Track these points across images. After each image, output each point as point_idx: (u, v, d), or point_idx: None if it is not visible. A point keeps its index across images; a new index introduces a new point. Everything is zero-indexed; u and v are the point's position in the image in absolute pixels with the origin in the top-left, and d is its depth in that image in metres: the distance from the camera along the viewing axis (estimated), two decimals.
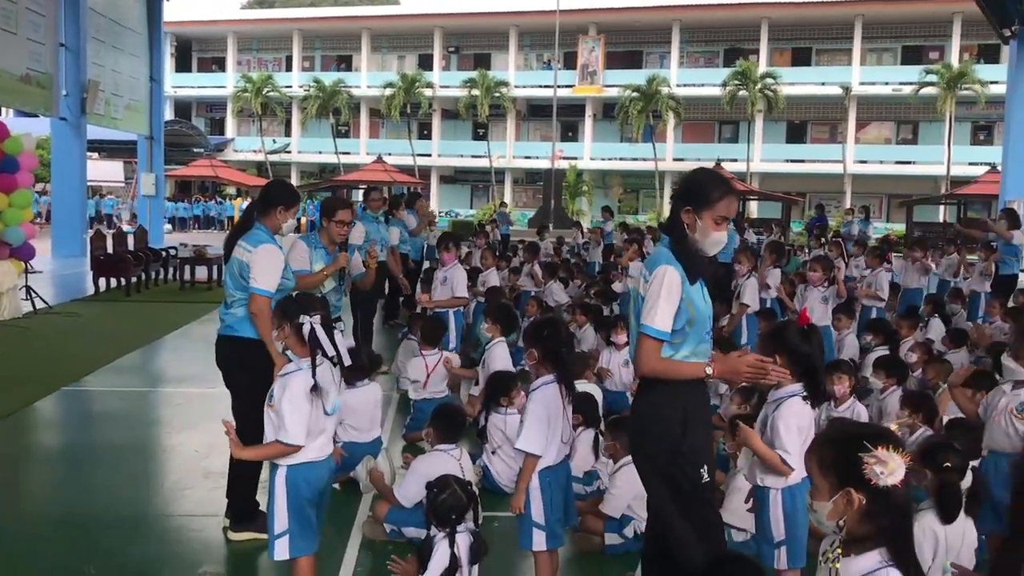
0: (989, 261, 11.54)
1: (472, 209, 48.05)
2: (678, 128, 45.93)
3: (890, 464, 2.21)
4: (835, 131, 45.05)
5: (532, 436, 3.91)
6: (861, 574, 2.28)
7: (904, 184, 42.20)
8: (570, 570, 4.76)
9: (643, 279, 3.55)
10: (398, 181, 35.55)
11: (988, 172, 30.48)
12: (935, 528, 3.86)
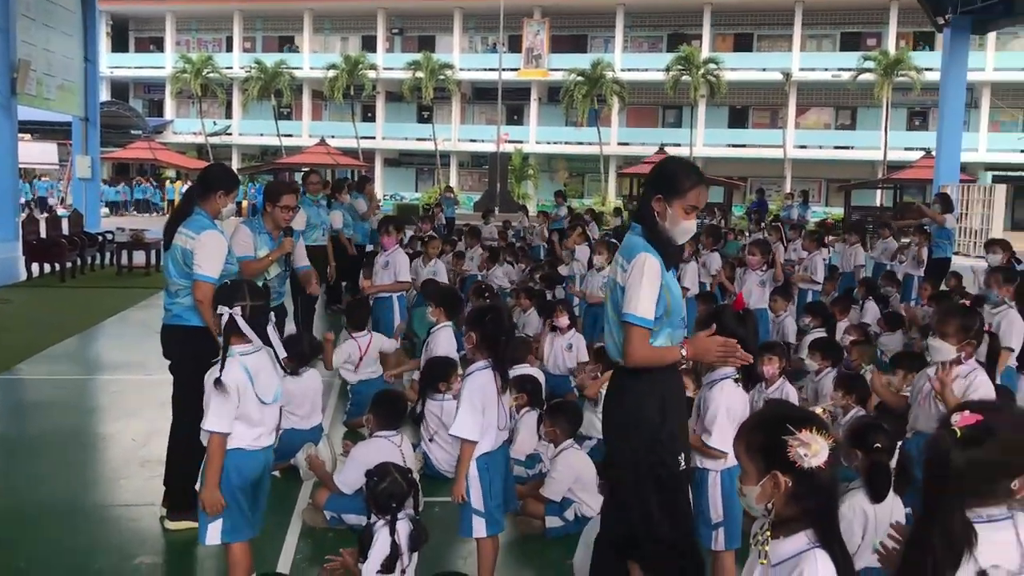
0: (922, 245, 11.83)
1: (417, 192, 47.75)
2: (623, 112, 46.13)
3: (813, 446, 2.26)
4: (776, 116, 45.66)
5: (466, 422, 3.91)
6: (789, 556, 2.33)
7: (842, 169, 42.99)
8: (511, 553, 4.80)
9: (620, 268, 3.52)
10: (341, 164, 35.22)
11: (923, 157, 31.22)
12: (865, 507, 3.97)
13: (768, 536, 2.38)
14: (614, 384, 3.69)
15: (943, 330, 4.26)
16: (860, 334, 8.23)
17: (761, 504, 2.37)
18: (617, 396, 3.62)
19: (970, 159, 34.88)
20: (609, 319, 3.59)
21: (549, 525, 4.97)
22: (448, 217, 23.35)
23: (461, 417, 3.94)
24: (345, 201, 12.27)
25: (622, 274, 3.49)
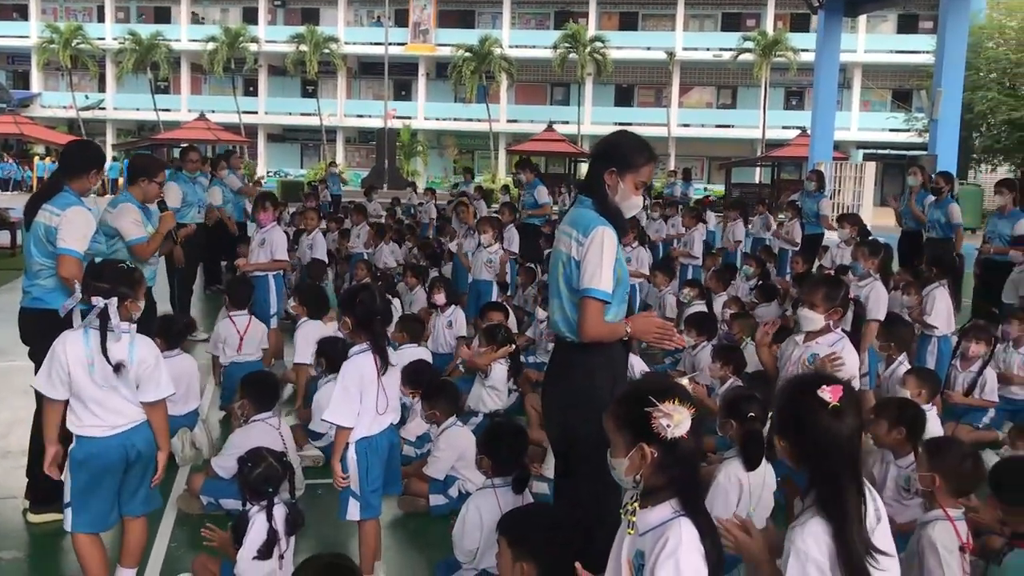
0: (794, 220, 12.25)
1: (303, 169, 46.76)
2: (511, 89, 46.17)
3: (676, 417, 2.31)
4: (660, 95, 46.50)
5: (339, 408, 3.83)
6: (655, 525, 2.38)
7: (724, 147, 44.16)
8: (396, 532, 4.77)
9: (575, 242, 3.43)
10: (223, 140, 34.11)
11: (799, 136, 32.32)
12: (740, 475, 4.09)
13: (636, 507, 2.42)
14: (561, 361, 3.60)
15: (811, 300, 4.42)
16: (739, 307, 8.48)
17: (630, 476, 2.41)
18: (566, 372, 3.54)
19: (843, 137, 36.23)
20: (560, 294, 3.50)
21: (433, 503, 4.95)
22: (334, 194, 22.93)
23: (335, 403, 3.86)
24: (223, 177, 11.88)
25: (577, 248, 3.41)
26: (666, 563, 2.30)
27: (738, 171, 38.60)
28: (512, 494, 3.94)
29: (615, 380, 3.47)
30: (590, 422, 3.35)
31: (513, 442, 4.07)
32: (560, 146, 34.89)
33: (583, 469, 3.44)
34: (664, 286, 9.44)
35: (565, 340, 3.52)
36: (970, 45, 21.68)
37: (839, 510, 2.33)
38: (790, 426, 2.42)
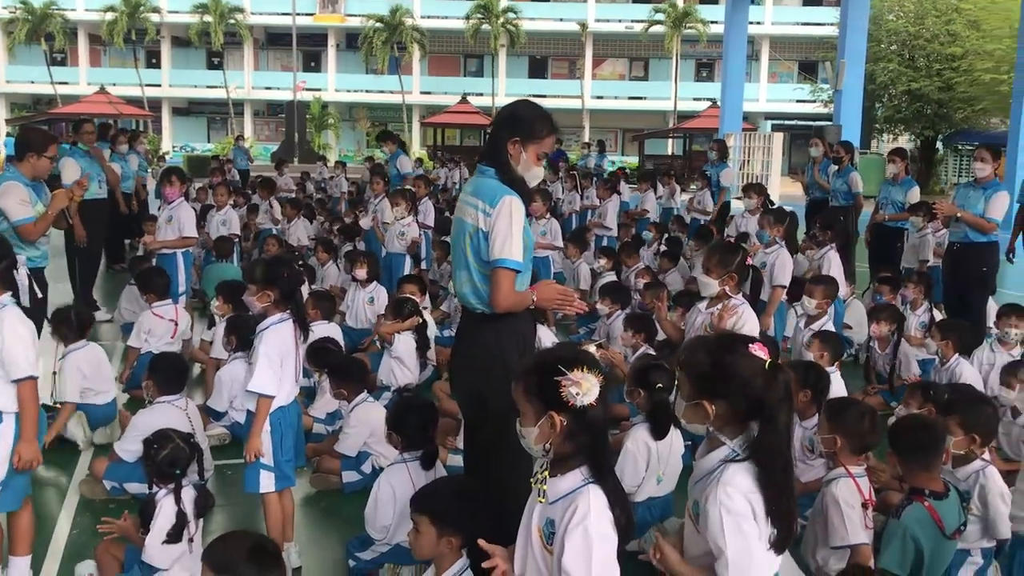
0: (705, 190, 12.45)
1: (210, 143, 45.49)
2: (424, 61, 45.65)
3: (584, 384, 2.32)
4: (574, 67, 46.63)
5: (263, 377, 3.75)
6: (565, 493, 2.39)
7: (637, 119, 44.57)
8: (309, 510, 4.71)
9: (482, 213, 3.36)
10: (125, 114, 32.94)
11: (709, 107, 32.87)
12: (648, 442, 4.15)
13: (546, 475, 2.43)
14: (469, 331, 3.54)
15: (707, 266, 4.55)
16: (650, 276, 8.59)
17: (539, 444, 2.41)
18: (475, 343, 3.48)
19: (751, 109, 36.94)
20: (468, 266, 3.42)
21: (346, 480, 4.90)
22: (241, 169, 22.34)
23: (259, 372, 3.77)
24: (123, 152, 11.47)
25: (484, 219, 3.36)
26: (575, 530, 2.31)
27: (651, 143, 39.07)
28: (430, 472, 3.92)
29: (524, 349, 3.46)
30: (500, 392, 3.31)
31: (421, 417, 4.04)
32: (475, 118, 34.72)
33: (494, 439, 3.41)
34: (576, 257, 9.50)
35: (474, 311, 3.49)
36: (872, 18, 22.31)
37: (780, 460, 2.35)
38: (724, 388, 2.38)
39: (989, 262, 7.49)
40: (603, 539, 2.32)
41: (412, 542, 3.16)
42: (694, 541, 2.50)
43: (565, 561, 2.32)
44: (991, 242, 7.43)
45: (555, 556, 2.36)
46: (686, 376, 2.45)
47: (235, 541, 2.78)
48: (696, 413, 2.43)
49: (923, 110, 32.97)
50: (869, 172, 16.92)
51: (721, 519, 2.32)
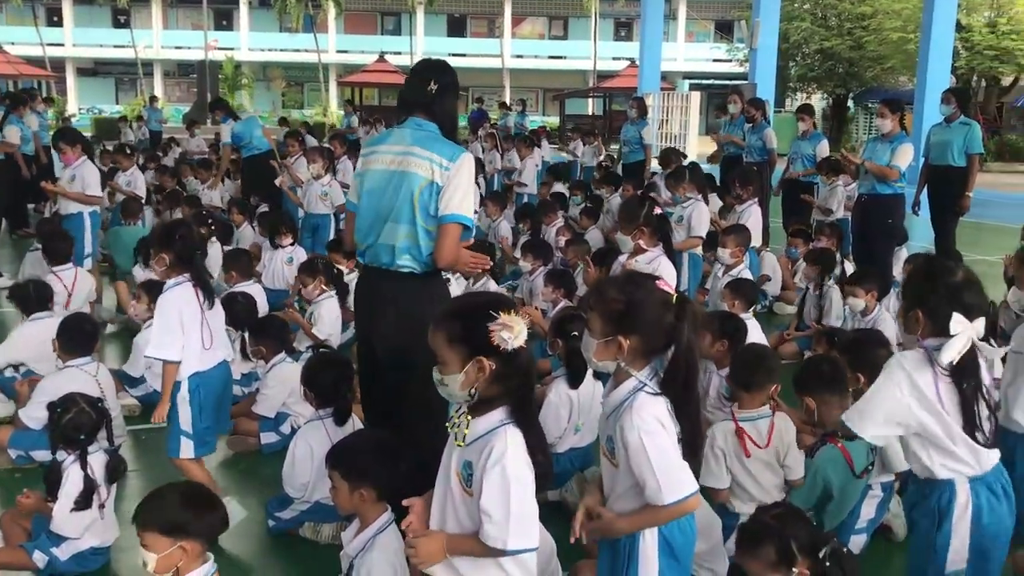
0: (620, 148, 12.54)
1: (118, 105, 43.90)
2: (340, 19, 44.72)
3: (515, 328, 2.32)
4: (493, 25, 46.29)
5: (162, 342, 3.68)
6: (482, 433, 2.39)
7: (557, 78, 44.56)
8: (227, 473, 4.64)
9: (438, 167, 3.29)
10: (25, 74, 31.53)
11: (628, 67, 33.00)
12: (569, 392, 4.18)
13: (468, 419, 2.42)
14: (400, 292, 3.40)
15: (621, 223, 4.62)
16: (571, 233, 8.63)
17: (465, 390, 2.40)
18: (414, 303, 3.37)
19: (669, 68, 37.21)
20: (411, 220, 3.31)
21: (264, 441, 4.83)
22: (154, 131, 21.66)
23: (156, 337, 3.71)
24: (23, 115, 10.99)
25: (442, 172, 3.29)
26: (492, 470, 2.31)
27: (571, 102, 39.09)
28: (347, 428, 3.89)
29: None
30: (419, 343, 3.34)
31: (335, 373, 4.00)
32: (393, 77, 34.15)
33: (428, 398, 3.27)
34: (496, 215, 9.48)
35: (398, 271, 3.38)
36: None
37: (691, 390, 2.42)
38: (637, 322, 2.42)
39: (895, 213, 7.73)
40: (519, 480, 2.33)
41: (333, 498, 3.15)
42: (614, 479, 2.53)
43: (483, 502, 2.32)
44: (896, 194, 7.65)
45: (474, 498, 2.37)
46: (598, 315, 2.46)
47: (169, 498, 2.76)
48: (608, 350, 2.45)
49: (835, 68, 33.70)
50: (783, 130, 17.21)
51: (641, 441, 2.36)
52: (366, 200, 3.46)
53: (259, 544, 3.93)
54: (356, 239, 3.51)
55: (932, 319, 2.53)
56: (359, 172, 3.54)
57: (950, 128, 8.71)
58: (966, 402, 2.51)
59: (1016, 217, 7.49)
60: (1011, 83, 30.88)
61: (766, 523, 2.71)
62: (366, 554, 2.99)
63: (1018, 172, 27.22)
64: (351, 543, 3.08)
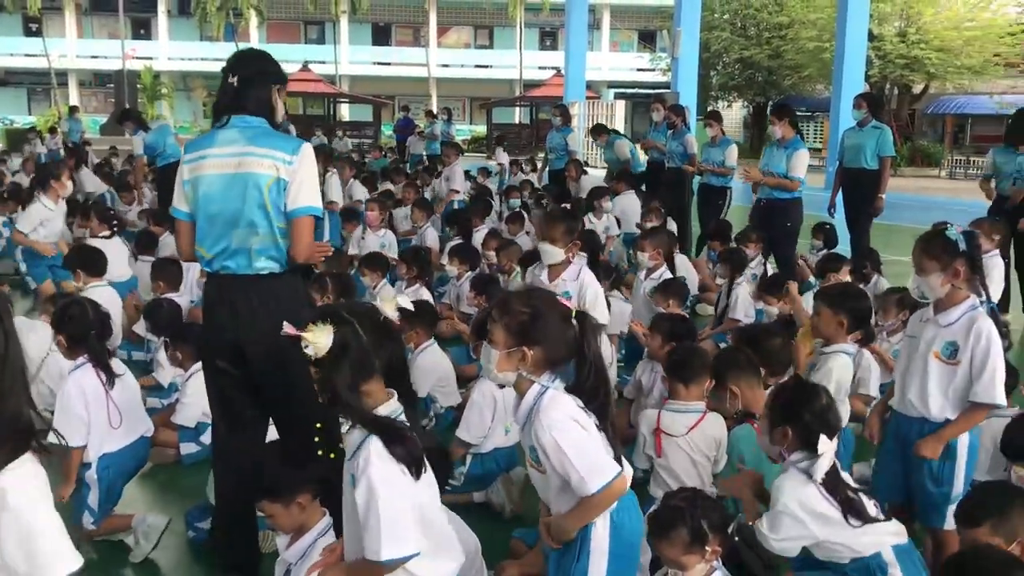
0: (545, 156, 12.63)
1: (31, 115, 42.52)
2: (262, 27, 44.13)
3: (319, 339, 2.41)
4: (418, 35, 46.18)
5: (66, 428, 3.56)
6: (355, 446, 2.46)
7: (484, 87, 44.63)
8: (146, 485, 4.51)
9: (281, 162, 3.17)
10: None
11: (554, 76, 33.26)
12: (493, 392, 4.18)
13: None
14: (265, 291, 3.27)
15: (551, 236, 4.64)
16: (496, 238, 8.66)
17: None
18: (273, 301, 3.25)
19: (594, 77, 37.60)
20: (266, 220, 3.19)
21: (185, 452, 4.72)
22: (74, 142, 21.06)
23: (59, 423, 3.58)
24: None
25: (286, 168, 3.17)
26: (360, 484, 2.37)
27: (498, 111, 39.19)
28: None
29: (311, 298, 3.46)
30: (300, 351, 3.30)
31: None
32: (318, 86, 33.93)
33: (297, 395, 3.24)
34: (422, 222, 9.45)
35: (256, 274, 3.23)
36: None
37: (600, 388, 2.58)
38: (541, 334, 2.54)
39: (792, 217, 8.03)
40: (384, 489, 2.35)
41: (274, 526, 3.11)
42: (546, 485, 2.63)
43: (361, 517, 2.37)
44: (794, 198, 7.98)
45: None
46: (502, 326, 2.56)
47: None
48: (510, 361, 2.56)
49: (754, 77, 34.48)
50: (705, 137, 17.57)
51: (554, 439, 2.47)
52: (204, 207, 3.24)
53: (181, 556, 3.83)
54: (198, 249, 3.30)
55: (799, 438, 2.78)
56: (188, 179, 3.27)
57: (863, 132, 8.97)
58: (846, 500, 2.79)
59: (928, 219, 7.72)
60: (922, 91, 31.98)
61: (675, 506, 2.77)
62: (306, 561, 2.95)
63: (930, 176, 28.23)
64: (288, 549, 3.05)
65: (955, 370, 3.08)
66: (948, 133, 36.15)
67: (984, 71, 29.35)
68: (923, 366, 3.16)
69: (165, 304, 5.64)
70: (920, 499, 3.19)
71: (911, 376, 3.19)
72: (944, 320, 3.13)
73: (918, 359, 3.18)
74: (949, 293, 3.11)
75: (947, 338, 3.11)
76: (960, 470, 3.16)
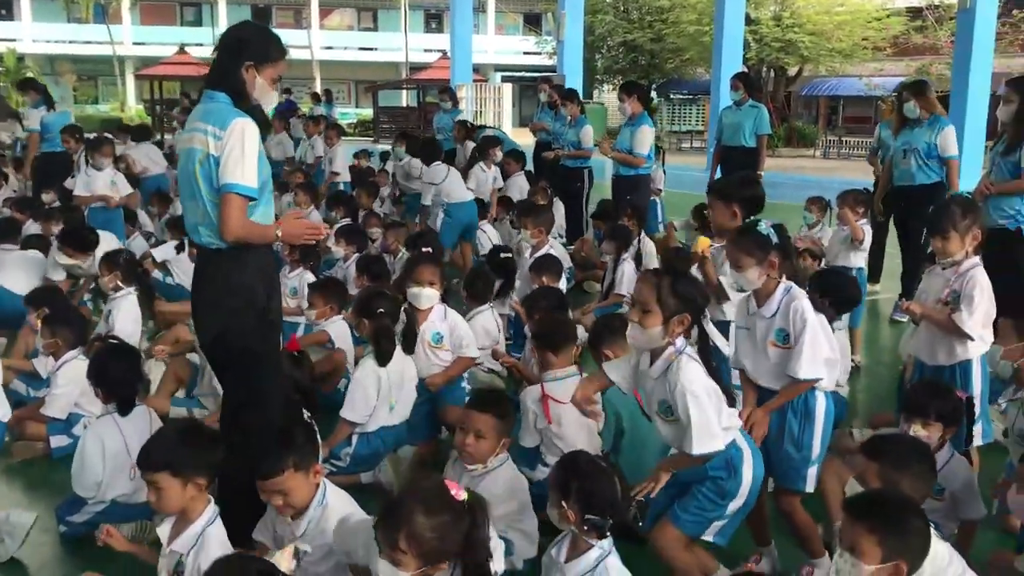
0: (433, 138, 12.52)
1: None
2: (135, 8, 42.41)
3: None
4: (300, 16, 45.21)
5: None
6: None
7: (369, 70, 44.06)
8: (14, 481, 4.32)
9: (211, 137, 3.14)
10: None
11: (440, 58, 33.04)
12: (377, 370, 4.13)
13: None
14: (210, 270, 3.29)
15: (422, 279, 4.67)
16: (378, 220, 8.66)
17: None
18: (220, 280, 3.27)
19: (481, 60, 37.55)
20: (200, 195, 3.18)
21: (55, 445, 4.50)
22: None
23: None
24: None
25: (215, 143, 3.14)
26: None
27: (385, 94, 38.74)
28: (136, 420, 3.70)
29: (267, 280, 3.35)
30: (247, 331, 3.28)
31: (121, 365, 3.83)
32: (195, 70, 32.62)
33: (243, 378, 3.34)
34: (306, 206, 9.26)
35: (208, 248, 3.27)
36: None
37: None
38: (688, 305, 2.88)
39: (635, 192, 8.40)
40: None
41: (155, 502, 2.90)
42: (672, 434, 2.95)
43: None
44: (640, 175, 8.35)
45: None
46: (668, 294, 2.81)
47: None
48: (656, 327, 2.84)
49: (638, 60, 35.05)
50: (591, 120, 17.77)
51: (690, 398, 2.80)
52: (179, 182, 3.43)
53: (53, 553, 3.66)
54: None
55: (578, 513, 2.70)
56: None
57: (740, 111, 9.24)
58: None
59: (804, 197, 8.10)
60: (796, 73, 33.13)
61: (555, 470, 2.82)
62: (200, 550, 2.83)
63: (805, 156, 29.29)
64: (176, 540, 2.90)
65: (790, 352, 3.21)
66: (822, 115, 37.61)
67: (854, 54, 30.63)
68: (764, 355, 3.29)
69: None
70: (781, 464, 3.28)
71: (757, 362, 3.32)
72: (767, 312, 3.26)
73: (758, 348, 3.31)
74: (765, 283, 3.25)
75: (776, 327, 3.24)
76: (818, 435, 3.28)
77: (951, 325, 3.82)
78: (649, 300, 2.81)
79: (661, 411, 2.91)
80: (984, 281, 3.83)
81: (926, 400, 3.43)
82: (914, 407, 3.43)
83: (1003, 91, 5.68)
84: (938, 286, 3.97)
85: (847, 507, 2.47)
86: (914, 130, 7.20)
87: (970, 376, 3.86)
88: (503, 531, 3.32)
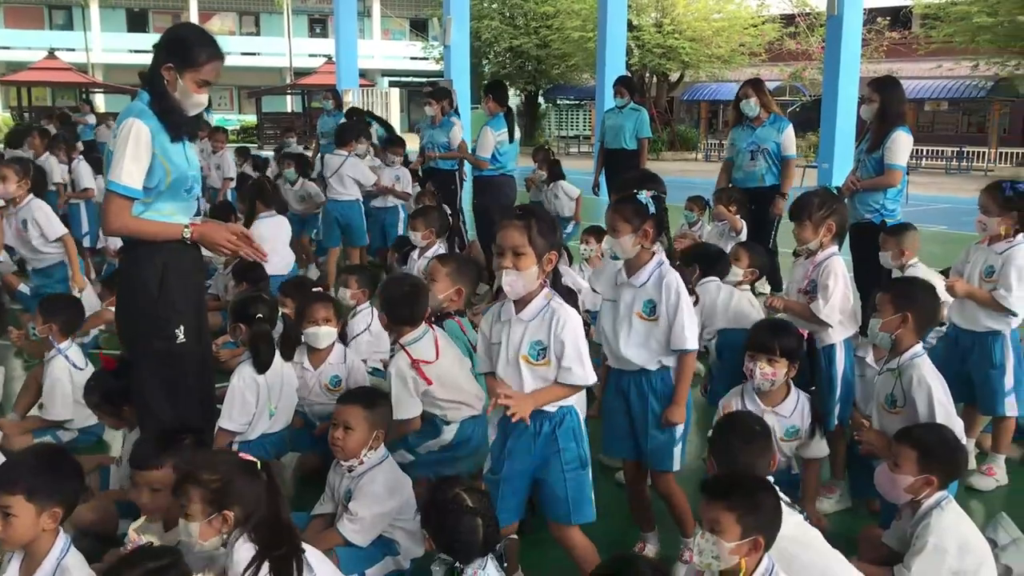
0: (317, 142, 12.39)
1: None
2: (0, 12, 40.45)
3: None
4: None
5: None
6: None
7: (251, 76, 43.05)
8: None
9: (112, 134, 3.30)
10: None
11: (325, 63, 32.59)
12: (255, 377, 4.01)
13: None
14: (121, 266, 3.50)
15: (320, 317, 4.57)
16: None
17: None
18: (121, 276, 3.50)
19: (367, 66, 37.22)
20: None
21: None
22: None
23: None
24: None
25: (112, 140, 3.27)
26: None
27: (269, 100, 38.01)
28: None
29: (166, 275, 3.29)
30: (142, 324, 3.33)
31: None
32: (67, 75, 31.47)
33: (145, 376, 3.40)
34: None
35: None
36: None
37: None
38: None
39: (488, 195, 8.24)
40: None
41: (2, 533, 2.62)
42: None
43: None
44: (489, 177, 8.20)
45: None
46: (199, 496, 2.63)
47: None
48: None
49: (524, 66, 35.38)
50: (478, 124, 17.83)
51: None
52: None
53: None
54: None
55: None
56: None
57: (622, 114, 9.41)
58: None
59: (685, 197, 8.29)
60: (678, 79, 34.02)
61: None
62: None
63: (688, 160, 30.12)
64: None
65: (655, 324, 3.26)
66: (703, 119, 38.70)
67: (732, 60, 31.65)
68: (628, 325, 3.30)
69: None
70: (651, 447, 3.32)
71: (618, 336, 3.33)
72: (637, 282, 3.29)
73: (622, 320, 3.32)
74: (639, 254, 3.27)
75: (644, 297, 3.27)
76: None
77: (808, 314, 3.96)
78: (521, 243, 2.81)
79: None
80: (839, 270, 3.96)
81: (770, 338, 3.58)
82: (759, 345, 3.58)
83: (865, 91, 5.93)
84: (799, 276, 4.13)
85: (705, 489, 2.56)
86: (757, 130, 7.18)
87: (833, 359, 4.00)
88: (388, 531, 3.29)
